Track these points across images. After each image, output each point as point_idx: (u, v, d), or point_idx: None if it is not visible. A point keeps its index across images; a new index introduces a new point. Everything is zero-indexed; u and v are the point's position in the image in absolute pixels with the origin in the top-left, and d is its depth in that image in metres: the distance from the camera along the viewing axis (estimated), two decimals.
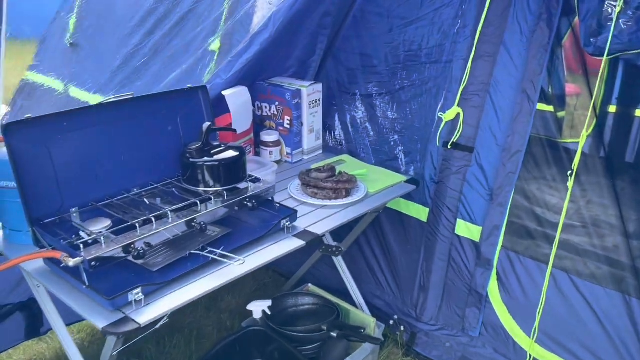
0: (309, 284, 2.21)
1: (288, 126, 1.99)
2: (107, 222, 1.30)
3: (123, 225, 1.28)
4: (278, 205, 1.56)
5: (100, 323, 1.10)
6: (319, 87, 2.04)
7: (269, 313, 1.90)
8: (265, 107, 2.02)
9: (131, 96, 1.46)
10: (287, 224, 1.48)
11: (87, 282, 1.16)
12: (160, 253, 1.35)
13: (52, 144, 1.32)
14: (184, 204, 1.40)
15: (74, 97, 2.76)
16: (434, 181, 1.98)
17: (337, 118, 2.29)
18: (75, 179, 1.37)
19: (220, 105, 1.77)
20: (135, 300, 1.14)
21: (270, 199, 1.55)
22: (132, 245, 1.21)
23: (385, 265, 2.24)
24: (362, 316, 2.01)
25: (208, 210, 1.37)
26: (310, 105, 2.01)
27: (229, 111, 1.76)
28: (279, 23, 1.84)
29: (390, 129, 2.13)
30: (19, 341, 1.88)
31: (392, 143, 2.14)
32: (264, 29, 1.84)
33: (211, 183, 1.45)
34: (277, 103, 1.98)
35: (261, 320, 1.93)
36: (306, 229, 1.52)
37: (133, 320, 1.11)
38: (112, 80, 2.62)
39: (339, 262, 2.17)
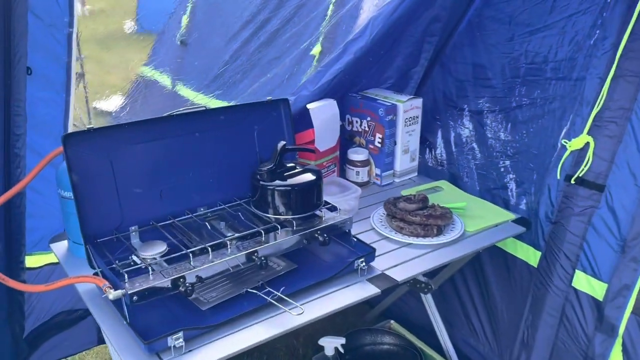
0: (392, 321, 1.98)
1: (379, 145, 1.77)
2: (163, 247, 1.18)
3: (178, 254, 1.15)
4: (355, 239, 1.35)
5: None
6: (418, 102, 1.80)
7: (342, 351, 1.71)
8: (356, 122, 1.82)
9: (203, 108, 1.34)
10: (362, 265, 1.27)
11: (127, 318, 1.04)
12: (216, 286, 1.21)
13: (115, 157, 1.23)
14: (247, 232, 1.24)
15: (180, 95, 2.79)
16: (550, 220, 1.65)
17: (439, 135, 2.03)
18: (138, 196, 1.28)
19: (304, 120, 1.60)
20: (174, 346, 1.00)
21: (347, 230, 1.35)
22: (181, 279, 1.07)
23: (482, 309, 1.94)
24: None
25: (272, 243, 1.20)
26: (406, 122, 1.77)
27: (312, 126, 1.59)
28: (377, 30, 1.63)
29: (501, 152, 1.83)
30: (91, 345, 1.87)
31: (502, 169, 1.83)
32: (360, 37, 1.64)
33: (280, 209, 1.29)
34: (368, 118, 1.77)
35: (333, 357, 1.75)
36: (384, 271, 1.30)
37: None
38: (215, 80, 2.59)
39: (428, 301, 1.92)
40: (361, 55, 1.63)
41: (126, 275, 1.05)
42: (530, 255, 1.73)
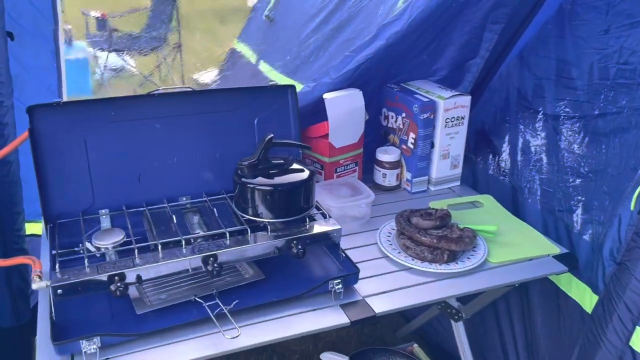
0: (415, 345, 1.76)
1: (412, 146, 1.54)
2: (119, 237, 1.09)
3: (127, 247, 1.05)
4: (343, 255, 1.17)
5: None
6: (465, 100, 1.54)
7: None
8: (392, 117, 1.60)
9: (190, 90, 1.21)
10: (338, 287, 1.08)
11: (53, 312, 0.96)
12: (168, 288, 1.09)
13: (90, 135, 1.15)
14: (211, 232, 1.11)
15: (262, 72, 2.74)
16: (615, 260, 1.32)
17: (507, 139, 1.74)
18: (112, 177, 1.19)
19: (323, 110, 1.42)
20: (86, 352, 0.90)
21: (335, 243, 1.17)
22: (116, 277, 0.97)
23: (523, 349, 1.65)
24: None
25: (232, 249, 1.06)
26: (447, 123, 1.52)
27: (327, 119, 1.41)
28: (418, 13, 1.40)
29: (572, 168, 1.51)
30: None
31: (571, 189, 1.51)
32: (397, 20, 1.42)
33: (259, 211, 1.13)
34: (403, 114, 1.54)
35: None
36: (365, 298, 1.10)
37: None
38: (291, 59, 2.49)
39: (458, 329, 1.67)
40: (395, 41, 1.41)
41: (57, 265, 0.96)
42: (586, 298, 1.42)
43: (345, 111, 1.43)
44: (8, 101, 1.17)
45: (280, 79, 2.44)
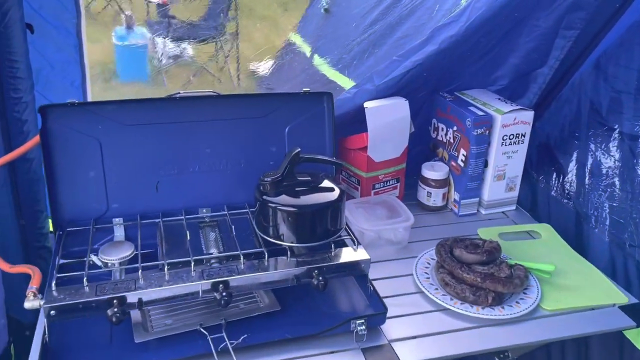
0: None
1: (462, 164, 1.38)
2: (128, 252, 1.00)
3: (133, 265, 0.96)
4: (371, 288, 1.03)
5: None
6: (527, 115, 1.35)
7: None
8: (442, 130, 1.44)
9: (215, 94, 1.11)
10: (361, 329, 0.95)
11: (46, 335, 0.88)
12: (176, 313, 1.00)
13: (105, 138, 1.07)
14: (226, 254, 1.01)
15: (315, 66, 2.65)
16: None
17: (574, 157, 1.54)
18: (129, 185, 1.11)
19: (364, 120, 1.29)
20: None
21: (364, 274, 1.04)
22: (115, 300, 0.88)
23: None
24: None
25: (243, 276, 0.94)
26: (505, 140, 1.35)
27: (367, 129, 1.27)
28: (477, 15, 1.23)
29: None
30: None
31: None
32: (452, 22, 1.26)
33: (280, 232, 1.02)
34: (455, 127, 1.38)
35: None
36: (392, 342, 0.97)
37: None
38: (344, 54, 2.38)
39: None
40: (449, 46, 1.25)
41: (53, 282, 0.89)
42: None
43: (387, 122, 1.28)
44: (28, 96, 1.11)
45: (332, 74, 2.32)
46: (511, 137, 1.35)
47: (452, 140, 1.40)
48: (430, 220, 1.40)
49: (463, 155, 1.36)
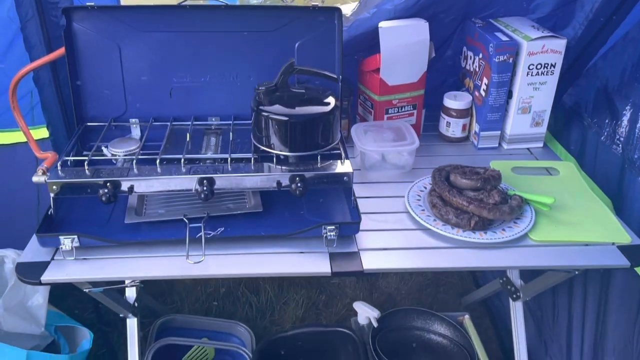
0: (467, 316, 1.60)
1: (484, 93, 1.32)
2: (132, 147, 1.11)
3: (134, 157, 1.06)
4: (354, 202, 1.06)
5: (24, 256, 0.96)
6: (558, 44, 1.26)
7: (375, 325, 1.46)
8: (470, 58, 1.38)
9: (224, 4, 1.15)
10: (331, 234, 0.98)
11: (52, 208, 1.01)
12: (169, 203, 1.09)
13: (124, 42, 1.16)
14: (216, 156, 1.08)
15: None
16: None
17: (631, 101, 1.42)
18: (145, 89, 1.20)
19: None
20: (63, 248, 0.94)
21: (349, 187, 1.06)
22: (108, 184, 0.98)
23: (589, 350, 1.41)
24: None
25: (226, 175, 1.01)
26: (531, 70, 1.27)
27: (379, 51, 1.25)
28: None
29: None
30: None
31: None
32: None
33: (271, 142, 1.06)
34: (480, 55, 1.32)
35: (367, 327, 1.51)
36: (362, 251, 0.99)
37: (44, 268, 0.93)
38: None
39: (515, 309, 1.47)
40: None
41: (59, 163, 1.00)
42: None
43: (403, 44, 1.25)
44: (65, 2, 1.21)
45: None
46: (539, 66, 1.27)
47: (477, 69, 1.34)
48: (447, 150, 1.38)
49: (485, 84, 1.30)
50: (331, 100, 1.08)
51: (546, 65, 1.27)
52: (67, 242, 0.94)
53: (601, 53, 1.44)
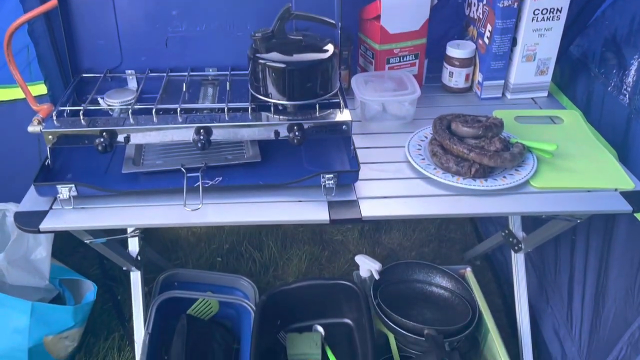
0: (469, 269, 1.61)
1: (487, 41, 1.29)
2: (128, 97, 1.09)
3: (131, 107, 1.04)
4: (353, 150, 1.04)
5: (22, 206, 0.96)
6: None
7: (377, 278, 1.47)
8: (474, 5, 1.34)
9: None
10: (329, 183, 0.98)
11: (49, 157, 1.00)
12: (167, 154, 1.09)
13: None
14: (212, 106, 1.06)
15: None
16: None
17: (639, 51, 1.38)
18: (141, 39, 1.18)
19: None
20: (61, 198, 0.94)
21: (347, 136, 1.05)
22: (104, 133, 0.97)
23: (590, 299, 1.42)
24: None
25: (222, 124, 0.99)
26: (537, 15, 1.23)
27: None
28: None
29: None
30: None
31: None
32: None
33: (269, 91, 1.04)
34: (484, 1, 1.28)
35: (369, 279, 1.52)
36: (361, 200, 0.99)
37: (43, 216, 0.93)
38: None
39: (516, 261, 1.48)
40: None
41: (54, 113, 0.99)
42: None
43: None
44: None
45: None
46: (544, 11, 1.23)
47: (481, 16, 1.30)
48: (450, 101, 1.35)
49: (489, 31, 1.27)
50: (330, 47, 1.05)
51: (552, 10, 1.23)
52: (64, 191, 0.94)
53: (610, 1, 1.39)
